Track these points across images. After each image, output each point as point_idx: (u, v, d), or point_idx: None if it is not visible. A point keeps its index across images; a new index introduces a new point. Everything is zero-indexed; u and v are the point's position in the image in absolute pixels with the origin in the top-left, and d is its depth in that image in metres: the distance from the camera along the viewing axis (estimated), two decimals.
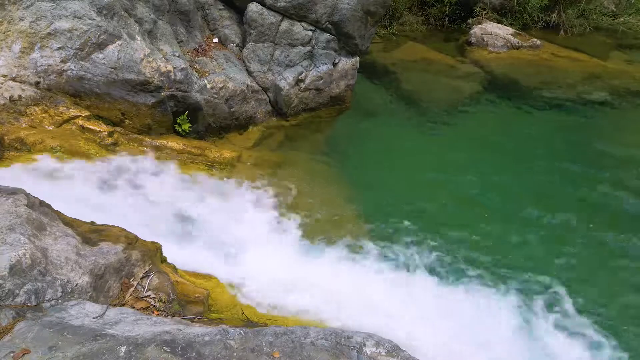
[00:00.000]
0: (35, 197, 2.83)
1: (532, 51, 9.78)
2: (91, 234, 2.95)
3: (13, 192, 2.74)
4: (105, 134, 4.81)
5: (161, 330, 2.13)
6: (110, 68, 4.88)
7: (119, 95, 5.01)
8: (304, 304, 3.62)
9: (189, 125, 5.51)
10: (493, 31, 9.95)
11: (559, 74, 8.93)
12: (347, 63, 6.87)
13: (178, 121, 5.47)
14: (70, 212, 3.06)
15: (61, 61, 4.77)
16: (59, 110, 4.75)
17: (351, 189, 5.43)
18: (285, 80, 6.42)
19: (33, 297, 2.23)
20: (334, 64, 6.77)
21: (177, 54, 5.53)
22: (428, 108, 7.53)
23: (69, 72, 4.80)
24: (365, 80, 8.02)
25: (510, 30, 10.15)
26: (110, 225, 3.14)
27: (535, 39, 9.99)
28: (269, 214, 4.81)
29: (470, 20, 10.58)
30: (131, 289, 2.83)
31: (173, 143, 5.26)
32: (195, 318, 2.85)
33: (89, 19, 4.79)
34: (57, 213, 2.96)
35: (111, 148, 4.78)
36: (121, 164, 4.62)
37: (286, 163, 5.74)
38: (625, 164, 6.23)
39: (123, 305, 2.68)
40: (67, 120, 4.75)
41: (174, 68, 5.28)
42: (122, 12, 5.05)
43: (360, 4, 6.48)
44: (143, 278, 2.95)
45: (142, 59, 5.01)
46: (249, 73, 6.42)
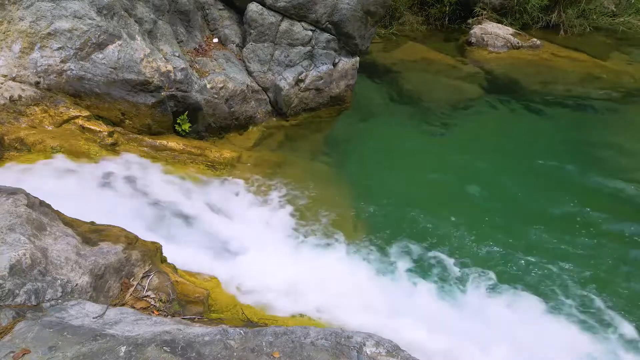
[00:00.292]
0: (35, 197, 2.83)
1: (532, 51, 9.77)
2: (91, 234, 2.95)
3: (13, 192, 2.74)
4: (105, 134, 4.81)
5: (161, 330, 2.13)
6: (110, 68, 4.88)
7: (119, 95, 5.01)
8: (303, 304, 3.62)
9: (189, 125, 5.51)
10: (493, 31, 9.95)
11: (559, 74, 8.93)
12: (347, 63, 6.87)
13: (178, 121, 5.47)
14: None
15: (61, 61, 4.77)
16: (59, 110, 4.75)
17: (351, 189, 5.43)
18: (285, 80, 6.42)
19: (33, 297, 2.23)
20: (334, 64, 6.77)
21: (177, 54, 5.53)
22: (428, 108, 7.53)
23: (69, 72, 4.80)
24: (365, 80, 8.02)
25: (510, 30, 10.15)
26: (110, 225, 3.14)
27: (535, 39, 9.99)
28: (269, 214, 4.81)
29: (470, 20, 10.58)
30: (131, 289, 2.83)
31: (173, 143, 5.26)
32: (195, 318, 2.85)
33: (89, 19, 4.79)
34: (57, 213, 2.96)
35: (111, 148, 4.78)
36: (121, 163, 4.62)
37: (286, 163, 5.74)
38: (625, 164, 6.23)
39: (123, 305, 2.68)
40: (67, 120, 4.75)
41: (174, 68, 5.28)
42: (122, 12, 5.05)
43: (360, 4, 6.48)
44: (143, 278, 2.95)
45: (142, 59, 5.01)
46: (249, 73, 6.42)
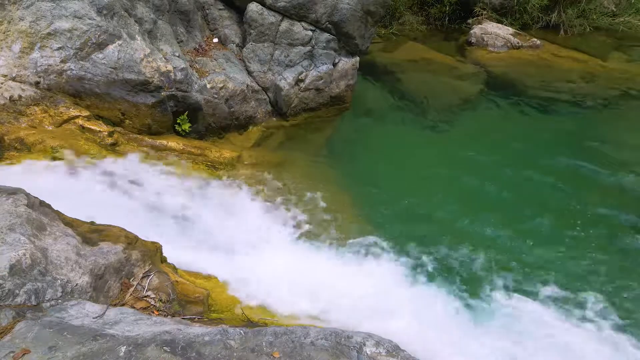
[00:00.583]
0: (35, 197, 2.83)
1: (532, 51, 9.77)
2: (91, 234, 2.95)
3: (13, 192, 2.74)
4: (105, 134, 4.81)
5: (161, 330, 2.13)
6: (110, 68, 4.88)
7: (119, 95, 5.01)
8: (303, 305, 3.62)
9: (189, 125, 5.51)
10: (493, 31, 9.95)
11: (559, 74, 8.93)
12: (347, 63, 6.87)
13: (178, 121, 5.47)
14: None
15: (61, 61, 4.77)
16: (59, 110, 4.75)
17: (351, 189, 5.44)
18: (285, 80, 6.42)
19: (33, 297, 2.23)
20: (334, 64, 6.77)
21: (177, 54, 5.53)
22: (428, 108, 7.53)
23: (69, 72, 4.80)
24: (365, 80, 8.02)
25: (510, 30, 10.15)
26: (110, 225, 3.14)
27: (535, 39, 9.98)
28: (269, 214, 4.81)
29: (470, 20, 10.58)
30: (131, 289, 2.83)
31: (173, 143, 5.26)
32: (195, 318, 2.85)
33: (89, 19, 4.79)
34: (57, 213, 2.96)
35: (111, 148, 4.78)
36: (120, 163, 4.62)
37: (286, 163, 5.74)
38: (625, 163, 6.23)
39: (123, 305, 2.68)
40: (67, 120, 4.75)
41: (174, 68, 5.28)
42: (122, 12, 5.05)
43: (360, 4, 6.48)
44: (143, 278, 2.95)
45: (142, 59, 5.01)
46: (249, 73, 6.42)
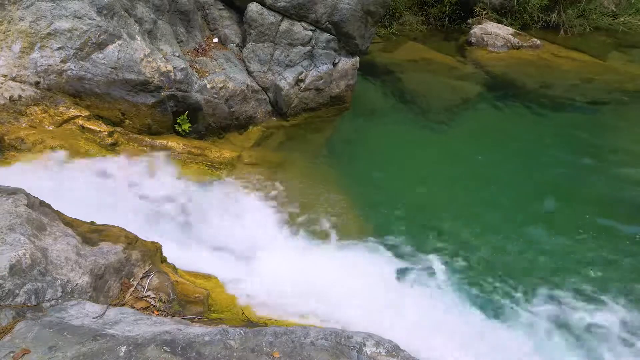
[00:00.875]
0: (35, 197, 2.83)
1: (532, 51, 9.77)
2: (91, 234, 2.95)
3: (13, 192, 2.74)
4: (105, 134, 4.81)
5: (161, 330, 2.13)
6: (110, 68, 4.88)
7: (119, 95, 5.01)
8: (303, 305, 3.62)
9: (189, 125, 5.51)
10: (493, 31, 9.95)
11: (559, 74, 8.92)
12: (347, 63, 6.87)
13: (178, 121, 5.47)
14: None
15: (61, 61, 4.77)
16: (59, 110, 4.75)
17: (351, 189, 5.43)
18: (285, 80, 6.42)
19: (33, 297, 2.23)
20: (334, 64, 6.76)
21: (177, 54, 5.53)
22: (428, 108, 7.53)
23: (69, 72, 4.80)
24: (365, 80, 8.02)
25: (510, 30, 10.15)
26: (110, 225, 3.14)
27: (535, 39, 9.98)
28: (268, 214, 4.81)
29: (470, 20, 10.58)
30: (131, 289, 2.83)
31: (173, 143, 5.26)
32: (195, 318, 2.85)
33: (89, 19, 4.79)
34: (57, 213, 2.96)
35: (111, 148, 4.78)
36: (120, 163, 4.62)
37: (286, 163, 5.74)
38: (625, 163, 6.23)
39: (123, 305, 2.68)
40: (67, 120, 4.75)
41: (174, 68, 5.28)
42: (122, 12, 5.05)
43: (360, 4, 6.48)
44: (143, 278, 2.95)
45: (142, 59, 5.01)
46: (249, 73, 6.42)
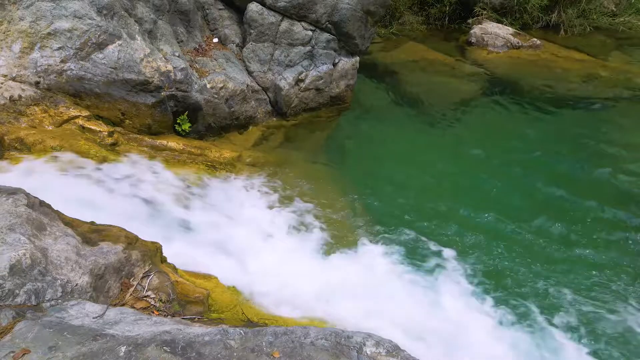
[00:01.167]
0: (35, 197, 2.83)
1: (532, 51, 9.77)
2: (91, 234, 2.95)
3: (13, 192, 2.74)
4: (105, 134, 4.81)
5: (161, 330, 2.13)
6: (110, 68, 4.88)
7: (119, 95, 5.01)
8: (303, 305, 3.62)
9: (189, 125, 5.51)
10: (493, 31, 9.95)
11: (559, 74, 8.92)
12: (347, 63, 6.87)
13: (178, 121, 5.47)
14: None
15: (61, 61, 4.77)
16: (59, 110, 4.75)
17: (351, 189, 5.44)
18: (285, 80, 6.42)
19: (33, 297, 2.23)
20: (334, 64, 6.77)
21: (177, 54, 5.53)
22: (428, 108, 7.53)
23: (69, 72, 4.80)
24: (365, 80, 8.02)
25: (510, 30, 10.14)
26: (110, 225, 3.14)
27: (535, 39, 9.98)
28: (269, 214, 4.81)
29: (470, 20, 10.57)
30: (131, 289, 2.83)
31: (173, 143, 5.26)
32: (195, 318, 2.85)
33: (89, 19, 4.79)
34: (57, 213, 2.96)
35: (111, 148, 4.78)
36: (120, 163, 4.62)
37: (286, 163, 5.74)
38: (626, 163, 6.23)
39: (123, 305, 2.68)
40: (67, 120, 4.75)
41: (174, 68, 5.28)
42: (122, 12, 5.05)
43: (360, 4, 6.48)
44: (143, 278, 2.95)
45: (142, 59, 5.01)
46: (249, 73, 6.42)
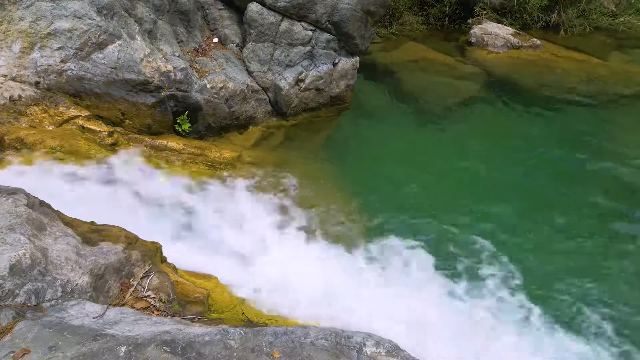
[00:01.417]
0: (35, 197, 2.83)
1: (532, 51, 9.77)
2: (91, 234, 2.95)
3: (13, 192, 2.74)
4: (105, 134, 4.81)
5: (161, 330, 2.13)
6: (110, 68, 4.88)
7: (119, 95, 5.01)
8: (303, 305, 3.62)
9: (189, 125, 5.51)
10: (493, 31, 9.95)
11: (559, 74, 8.92)
12: (347, 63, 6.87)
13: (178, 121, 5.47)
14: None
15: (61, 61, 4.77)
16: (59, 110, 4.75)
17: (351, 188, 5.44)
18: (285, 80, 6.42)
19: (33, 297, 2.23)
20: (334, 64, 6.76)
21: (177, 54, 5.53)
22: (428, 108, 7.53)
23: (69, 72, 4.80)
24: (365, 80, 8.01)
25: (510, 30, 10.14)
26: (110, 225, 3.14)
27: (535, 39, 9.98)
28: (268, 213, 4.81)
29: (470, 20, 10.57)
30: (131, 289, 2.83)
31: (173, 143, 5.26)
32: (195, 318, 2.85)
33: (89, 19, 4.78)
34: (57, 213, 2.96)
35: (111, 148, 4.78)
36: (120, 163, 4.62)
37: (286, 163, 5.74)
38: (625, 162, 6.23)
39: (123, 305, 2.68)
40: (67, 120, 4.75)
41: (174, 68, 5.27)
42: (122, 12, 5.05)
43: (360, 4, 6.48)
44: (143, 278, 2.95)
45: (142, 59, 5.01)
46: (249, 73, 6.42)
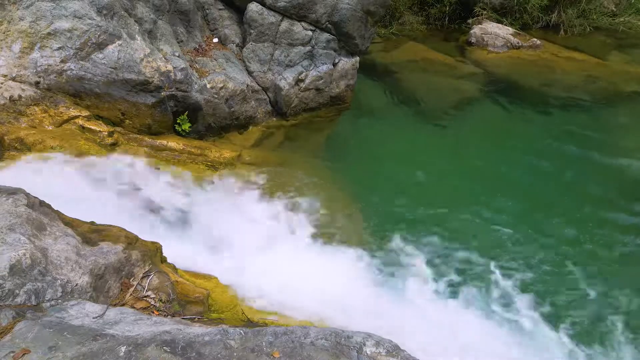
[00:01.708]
0: (35, 197, 2.83)
1: (532, 51, 9.77)
2: (91, 234, 2.95)
3: (13, 192, 2.74)
4: (105, 134, 4.81)
5: (161, 330, 2.13)
6: (110, 68, 4.88)
7: (119, 95, 5.01)
8: (302, 305, 3.62)
9: (189, 125, 5.51)
10: (493, 31, 9.95)
11: (559, 74, 8.92)
12: (347, 63, 6.86)
13: (178, 121, 5.47)
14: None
15: (61, 61, 4.76)
16: (59, 110, 4.75)
17: (351, 188, 5.44)
18: (285, 80, 6.42)
19: (33, 297, 2.23)
20: (334, 64, 6.76)
21: (177, 54, 5.53)
22: (428, 108, 7.53)
23: (69, 72, 4.80)
24: (365, 80, 8.01)
25: (510, 30, 10.14)
26: (110, 225, 3.14)
27: (535, 39, 9.98)
28: (268, 213, 4.81)
29: (470, 20, 10.57)
30: (131, 289, 2.83)
31: (173, 143, 5.26)
32: (195, 318, 2.85)
33: (89, 19, 4.78)
34: (57, 213, 2.96)
35: (111, 148, 4.78)
36: (120, 163, 4.62)
37: (286, 163, 5.74)
38: (625, 162, 6.23)
39: (123, 305, 2.68)
40: (67, 120, 4.75)
41: (174, 68, 5.27)
42: (122, 12, 5.05)
43: (360, 4, 6.47)
44: (143, 278, 2.95)
45: (142, 59, 5.01)
46: (249, 73, 6.42)
